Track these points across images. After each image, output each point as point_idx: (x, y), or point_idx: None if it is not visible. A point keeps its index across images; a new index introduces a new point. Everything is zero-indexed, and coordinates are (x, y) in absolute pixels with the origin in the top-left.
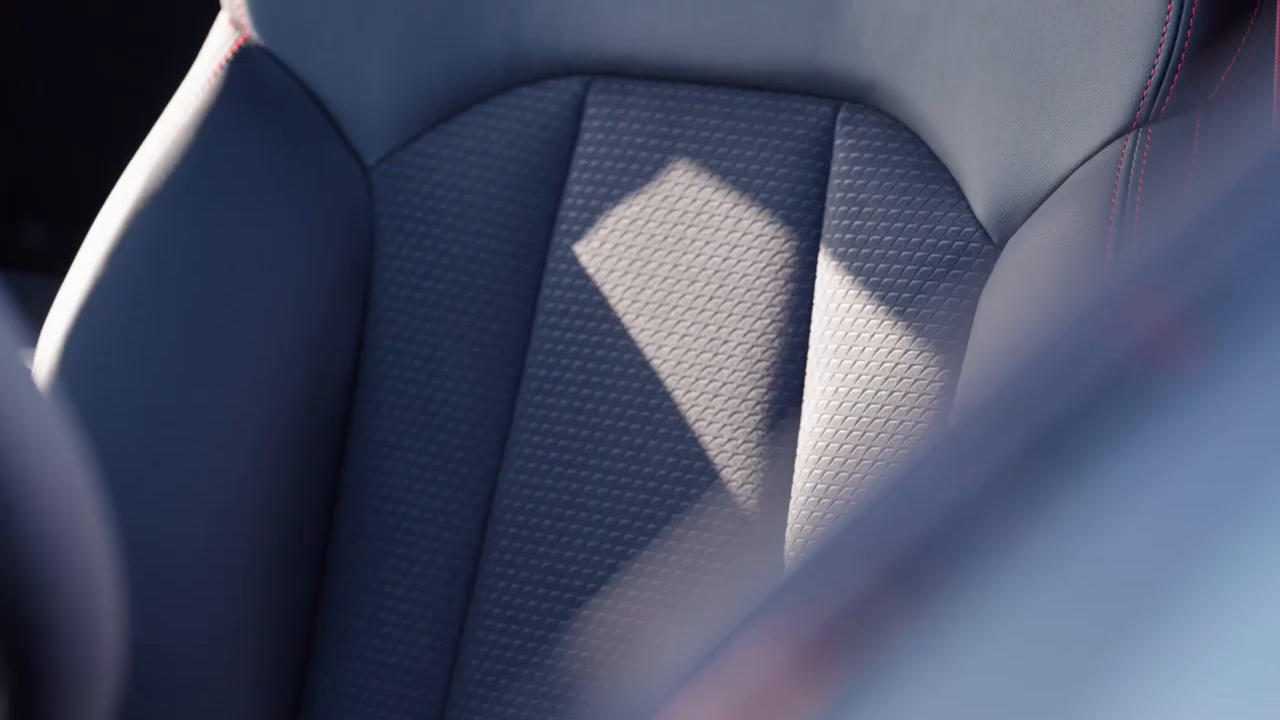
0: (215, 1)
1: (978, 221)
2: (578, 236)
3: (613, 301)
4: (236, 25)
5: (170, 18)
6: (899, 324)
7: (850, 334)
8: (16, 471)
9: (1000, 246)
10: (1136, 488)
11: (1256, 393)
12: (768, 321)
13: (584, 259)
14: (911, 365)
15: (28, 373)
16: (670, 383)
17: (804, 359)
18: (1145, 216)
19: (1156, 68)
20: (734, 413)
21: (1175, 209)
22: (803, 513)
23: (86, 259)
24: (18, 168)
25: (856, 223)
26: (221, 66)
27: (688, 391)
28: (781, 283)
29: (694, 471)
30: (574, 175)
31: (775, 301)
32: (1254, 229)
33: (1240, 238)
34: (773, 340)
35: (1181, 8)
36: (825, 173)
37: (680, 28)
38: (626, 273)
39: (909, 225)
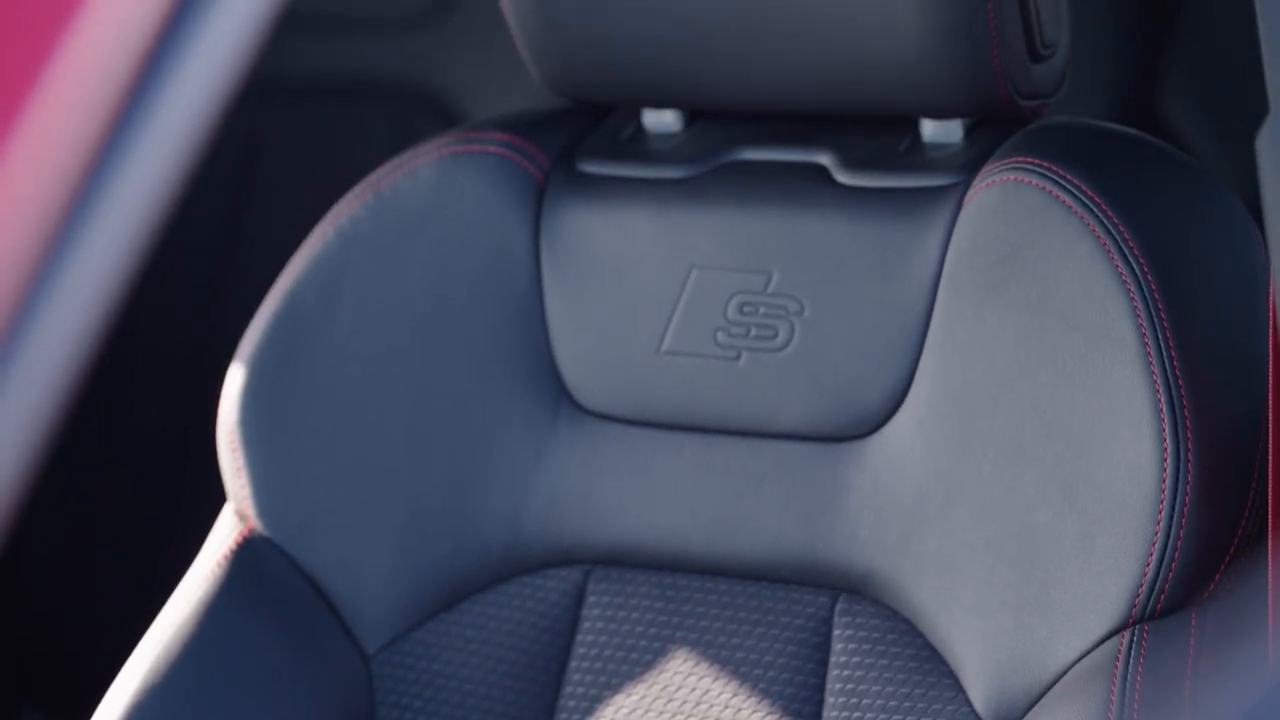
0: (221, 492)
1: (977, 715)
2: None
3: None
4: (241, 516)
5: (175, 507)
6: None
7: None
8: None
9: None
10: None
11: None
12: None
13: None
14: None
15: None
16: None
17: None
18: None
19: (1151, 565)
20: None
21: (1173, 716)
22: None
23: None
24: (18, 655)
25: (856, 714)
26: (226, 557)
27: None
28: None
29: None
30: (574, 663)
31: None
32: None
33: None
34: None
35: (1174, 507)
36: (824, 663)
37: (680, 518)
38: None
39: (909, 718)
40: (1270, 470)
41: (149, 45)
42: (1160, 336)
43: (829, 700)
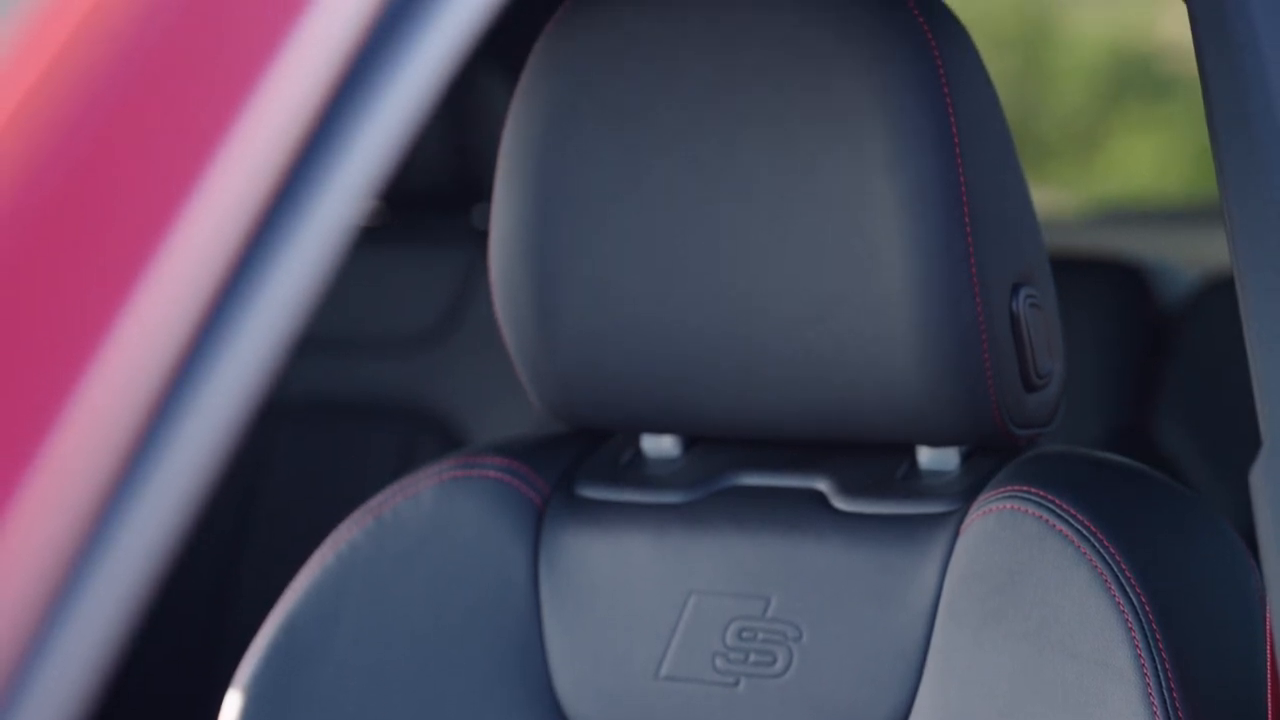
0: None
1: None
2: None
3: None
4: None
5: None
6: None
7: None
8: None
9: None
10: None
11: None
12: None
13: None
14: None
15: None
16: None
17: None
18: None
19: None
20: None
21: None
22: None
23: None
24: None
25: None
26: None
27: None
28: None
29: None
30: None
31: None
32: None
33: None
34: None
35: None
36: None
37: None
38: None
39: None
40: None
41: (166, 380)
42: (1159, 668)
43: None
